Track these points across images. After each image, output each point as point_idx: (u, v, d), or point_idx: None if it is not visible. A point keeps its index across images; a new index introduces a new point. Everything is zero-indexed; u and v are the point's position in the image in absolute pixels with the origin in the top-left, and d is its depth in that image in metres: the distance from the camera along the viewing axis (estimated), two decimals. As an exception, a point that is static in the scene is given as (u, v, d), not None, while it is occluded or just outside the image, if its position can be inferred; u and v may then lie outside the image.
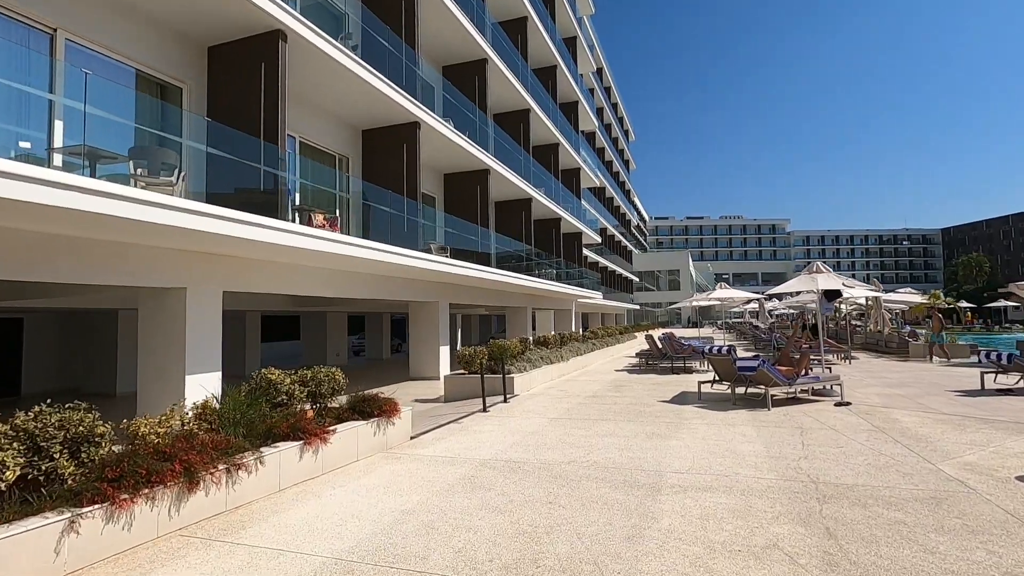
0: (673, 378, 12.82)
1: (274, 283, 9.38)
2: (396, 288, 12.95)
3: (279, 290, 9.60)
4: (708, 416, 7.79)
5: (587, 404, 9.23)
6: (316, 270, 10.12)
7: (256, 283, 9.03)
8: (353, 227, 11.59)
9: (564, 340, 16.66)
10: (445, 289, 15.14)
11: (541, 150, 22.89)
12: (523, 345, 13.62)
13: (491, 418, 8.17)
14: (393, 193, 11.61)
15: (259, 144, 7.86)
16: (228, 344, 18.64)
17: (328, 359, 20.92)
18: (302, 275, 9.79)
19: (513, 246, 18.14)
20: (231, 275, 8.37)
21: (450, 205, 15.77)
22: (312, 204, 10.72)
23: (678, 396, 9.84)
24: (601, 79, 45.13)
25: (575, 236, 27.01)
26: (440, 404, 10.42)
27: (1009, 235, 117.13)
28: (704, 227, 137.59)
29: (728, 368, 8.94)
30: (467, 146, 13.97)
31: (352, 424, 5.93)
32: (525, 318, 21.91)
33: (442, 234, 14.95)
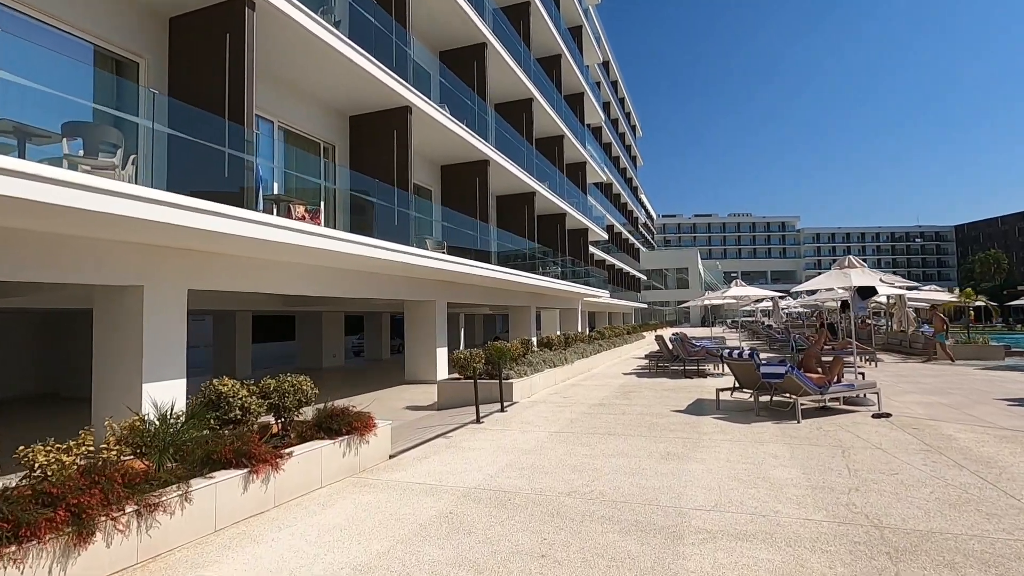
0: (686, 383, 11.87)
1: (250, 281, 8.52)
2: (389, 286, 12.08)
3: (256, 288, 8.74)
4: (731, 430, 6.85)
5: (593, 414, 8.31)
6: (298, 267, 9.26)
7: (228, 281, 8.16)
8: (340, 220, 10.74)
9: (569, 341, 15.73)
10: (442, 287, 14.27)
11: (545, 143, 21.97)
12: (524, 347, 12.72)
13: (484, 431, 7.27)
14: (384, 184, 10.74)
15: (223, 125, 6.99)
16: (218, 346, 17.94)
17: (324, 360, 20.13)
18: (282, 272, 8.93)
19: (515, 242, 17.23)
20: (198, 271, 7.51)
21: (448, 198, 14.89)
22: (296, 195, 9.89)
23: (694, 405, 8.91)
24: (608, 73, 44.10)
25: (581, 232, 26.07)
26: (432, 412, 9.54)
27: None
28: (712, 225, 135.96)
29: (751, 374, 7.99)
30: (464, 134, 13.07)
31: (314, 445, 5.04)
32: (529, 318, 21.01)
33: (439, 229, 14.09)
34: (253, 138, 7.16)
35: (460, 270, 12.15)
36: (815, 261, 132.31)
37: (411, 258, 9.99)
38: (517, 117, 18.40)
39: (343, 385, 14.60)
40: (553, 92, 21.47)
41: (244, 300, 14.66)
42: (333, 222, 10.77)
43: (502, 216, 18.59)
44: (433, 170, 15.04)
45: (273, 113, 9.58)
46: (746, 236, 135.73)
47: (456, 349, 13.99)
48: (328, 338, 20.41)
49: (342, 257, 8.83)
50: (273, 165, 9.41)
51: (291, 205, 8.83)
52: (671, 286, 76.68)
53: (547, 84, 20.75)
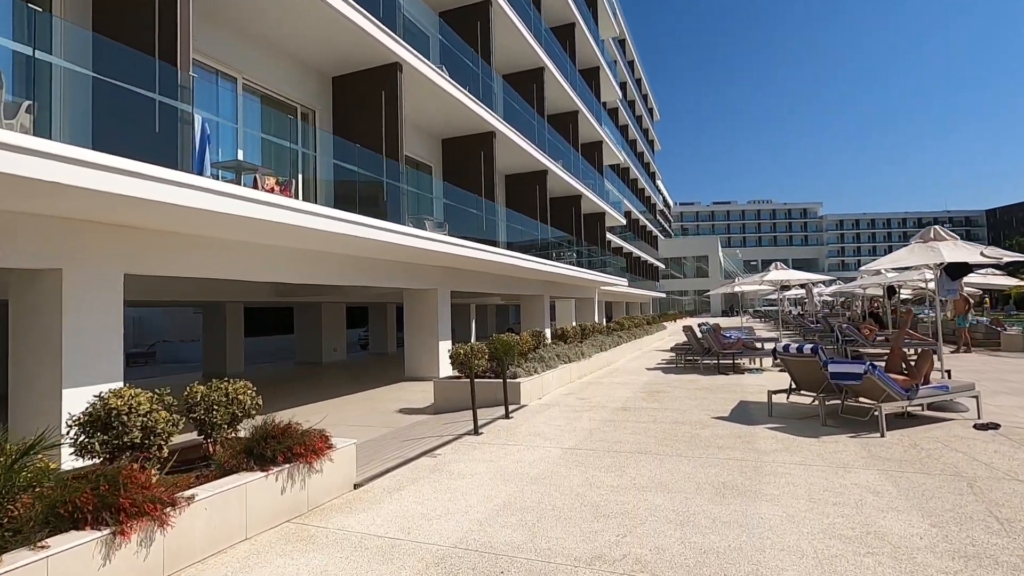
0: (722, 380, 10.31)
1: (211, 265, 7.15)
2: (384, 273, 10.70)
3: (220, 274, 7.38)
4: (798, 447, 5.32)
5: (616, 422, 6.83)
6: (273, 249, 7.89)
7: (181, 265, 6.80)
8: (322, 195, 9.35)
9: (586, 333, 14.23)
10: (445, 274, 12.85)
11: (558, 119, 20.35)
12: (536, 340, 11.25)
13: (482, 446, 5.83)
14: (372, 154, 9.30)
15: (153, 65, 5.58)
16: (207, 340, 16.75)
17: (324, 355, 18.88)
18: (254, 256, 7.57)
19: (526, 225, 15.72)
20: (138, 253, 6.16)
21: (450, 174, 13.42)
22: (275, 165, 8.52)
23: (738, 409, 7.37)
24: (624, 52, 42.09)
25: (597, 217, 24.46)
26: (426, 418, 8.15)
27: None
28: (731, 212, 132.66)
29: (814, 374, 6.43)
30: (466, 100, 11.56)
31: (233, 481, 3.64)
32: (542, 308, 19.53)
33: (440, 208, 12.66)
34: (191, 84, 5.74)
35: (463, 254, 10.73)
36: (838, 248, 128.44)
37: (403, 239, 8.58)
38: (527, 88, 16.82)
39: (338, 382, 13.31)
40: (567, 63, 19.81)
41: (231, 290, 13.41)
42: (314, 197, 9.39)
43: (511, 197, 17.08)
44: (433, 144, 13.57)
45: (237, 68, 8.16)
46: (766, 223, 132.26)
47: (465, 342, 12.60)
48: (328, 331, 19.16)
49: (324, 237, 7.45)
50: (237, 127, 8.00)
51: (257, 175, 7.47)
52: (689, 275, 74.56)
53: (560, 54, 19.10)
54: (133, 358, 24.21)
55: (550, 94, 18.65)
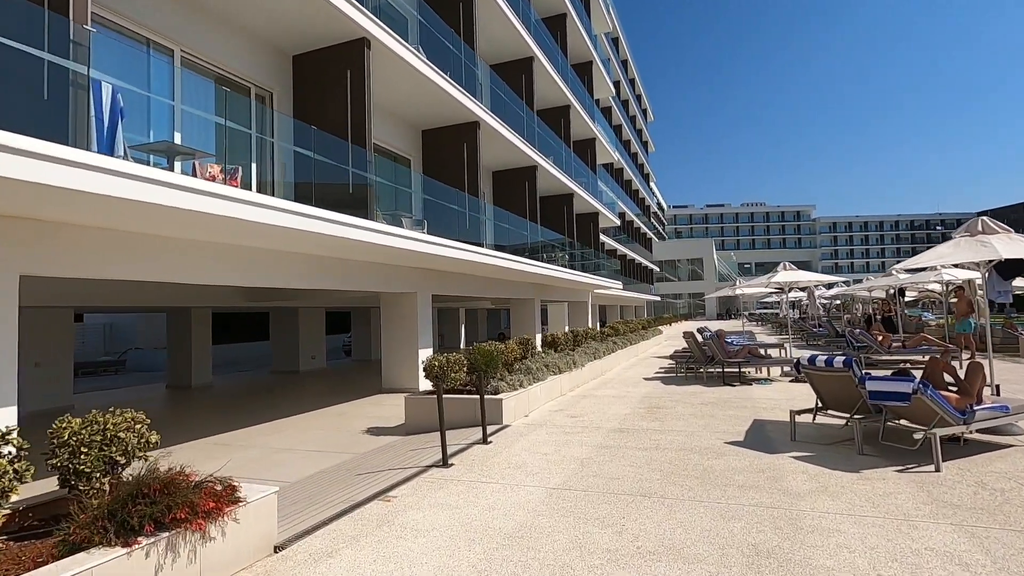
0: (729, 393, 9.31)
1: (139, 266, 6.06)
2: (356, 275, 9.65)
3: (151, 276, 6.28)
4: (837, 486, 4.30)
5: (612, 448, 5.79)
6: (224, 249, 6.82)
7: (98, 265, 5.71)
8: (280, 186, 8.29)
9: (578, 339, 13.20)
10: (425, 276, 11.81)
11: (549, 114, 19.37)
12: (524, 349, 10.21)
13: (449, 484, 4.77)
14: (336, 140, 8.25)
15: (42, 16, 4.51)
16: (172, 348, 15.56)
17: (301, 363, 17.74)
18: (195, 254, 6.49)
19: (514, 223, 14.69)
20: (39, 250, 5.07)
21: (431, 168, 12.39)
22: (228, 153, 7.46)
23: (754, 431, 6.35)
24: (618, 50, 41.28)
25: (590, 217, 23.48)
26: (393, 441, 7.09)
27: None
28: (725, 215, 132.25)
29: (846, 392, 5.43)
30: (445, 85, 10.53)
31: (74, 566, 2.55)
32: (533, 312, 18.48)
33: (419, 204, 11.62)
34: (87, 41, 4.66)
35: (444, 254, 9.70)
36: (831, 251, 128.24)
37: (374, 236, 7.54)
38: (515, 79, 15.83)
39: (309, 395, 12.21)
40: (557, 55, 18.84)
41: (195, 294, 12.31)
42: (271, 188, 8.33)
43: (499, 194, 16.06)
44: (412, 135, 12.53)
45: (174, 39, 7.08)
46: (760, 226, 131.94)
47: (456, 348, 11.50)
48: (306, 338, 18.03)
49: (281, 235, 6.42)
50: (174, 105, 6.92)
51: (196, 162, 6.42)
52: (683, 278, 73.80)
53: (550, 45, 18.13)
54: (102, 367, 22.97)
55: (540, 87, 17.68)
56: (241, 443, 7.50)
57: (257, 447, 7.26)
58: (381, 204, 11.70)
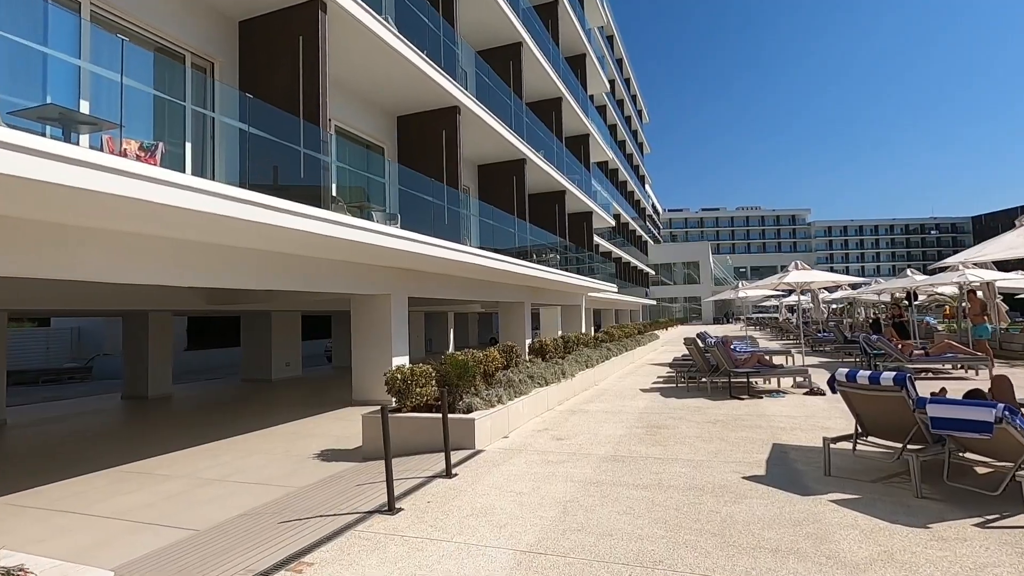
0: (738, 408, 8.20)
1: (39, 261, 4.91)
2: (321, 275, 8.54)
3: (51, 274, 5.13)
4: (903, 550, 3.18)
5: (603, 485, 4.65)
6: (161, 243, 5.68)
7: (10, 261, 4.58)
8: (223, 169, 7.16)
9: (569, 346, 12.07)
10: (401, 277, 10.69)
11: (540, 107, 18.30)
12: (507, 357, 9.08)
13: (387, 545, 3.61)
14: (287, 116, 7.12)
15: None
16: (128, 355, 14.30)
17: (274, 371, 16.54)
18: (128, 250, 5.35)
19: (501, 221, 13.60)
20: None
21: (407, 158, 11.27)
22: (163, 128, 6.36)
23: (776, 461, 5.23)
24: (612, 48, 40.36)
25: (584, 216, 22.42)
26: (345, 469, 5.94)
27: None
28: (720, 219, 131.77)
29: (897, 415, 4.32)
30: (419, 62, 9.43)
31: None
32: (522, 317, 17.33)
33: (395, 197, 10.52)
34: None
35: (422, 251, 8.62)
36: (827, 255, 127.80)
37: (335, 230, 6.45)
38: (502, 66, 14.76)
39: (272, 408, 11.03)
40: (548, 43, 17.79)
41: (150, 297, 11.13)
42: (212, 172, 7.19)
43: (485, 189, 14.97)
44: (385, 122, 11.41)
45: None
46: (755, 230, 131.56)
47: (442, 352, 10.36)
48: (279, 343, 16.83)
49: (218, 225, 5.30)
50: (81, 65, 5.77)
51: (104, 135, 5.31)
52: (679, 281, 72.86)
53: (541, 31, 17.07)
54: (67, 374, 21.67)
55: (530, 77, 16.62)
56: (166, 470, 6.34)
57: (183, 476, 6.10)
58: (350, 195, 10.59)
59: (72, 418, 10.68)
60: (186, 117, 6.86)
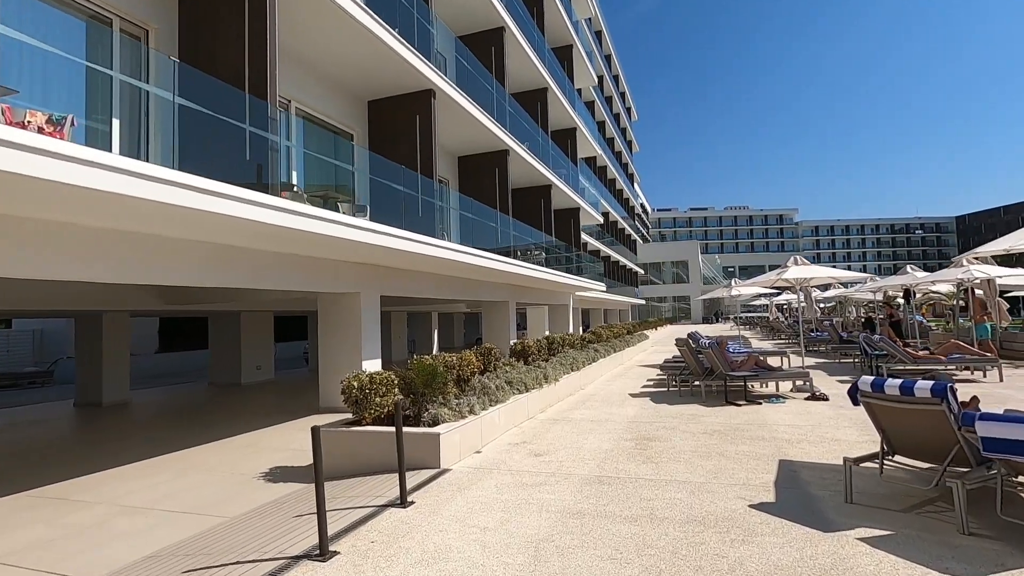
0: (736, 417, 7.49)
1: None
2: (283, 271, 7.72)
3: None
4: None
5: (585, 518, 3.90)
6: (68, 231, 4.83)
7: None
8: (160, 149, 6.33)
9: (553, 347, 11.34)
10: (372, 274, 9.89)
11: (525, 97, 17.55)
12: (485, 361, 8.32)
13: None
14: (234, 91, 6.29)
15: None
16: (81, 358, 13.28)
17: (244, 374, 15.62)
18: (24, 240, 4.50)
19: (481, 214, 12.82)
20: None
21: (379, 145, 10.46)
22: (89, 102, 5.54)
23: (787, 483, 4.51)
24: (601, 44, 39.73)
25: (571, 213, 21.71)
26: (291, 493, 5.14)
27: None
28: (709, 218, 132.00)
29: (936, 433, 3.61)
30: (388, 39, 8.63)
31: None
32: (507, 317, 16.57)
33: (364, 186, 9.73)
34: None
35: (393, 246, 7.84)
36: (814, 255, 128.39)
37: (282, 217, 5.63)
38: (484, 51, 13.98)
39: (231, 416, 10.15)
40: (533, 31, 17.04)
41: (103, 297, 10.21)
42: (146, 154, 6.35)
43: (466, 182, 14.19)
44: (354, 106, 10.59)
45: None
46: (743, 229, 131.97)
47: (426, 354, 9.58)
48: (249, 345, 15.90)
49: (149, 211, 4.47)
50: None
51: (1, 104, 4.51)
52: (668, 281, 72.50)
53: (525, 17, 16.30)
54: (29, 378, 20.54)
55: (514, 65, 15.85)
56: (88, 495, 5.50)
57: (104, 503, 5.26)
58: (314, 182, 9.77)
59: (7, 430, 9.74)
60: (113, 89, 6.00)
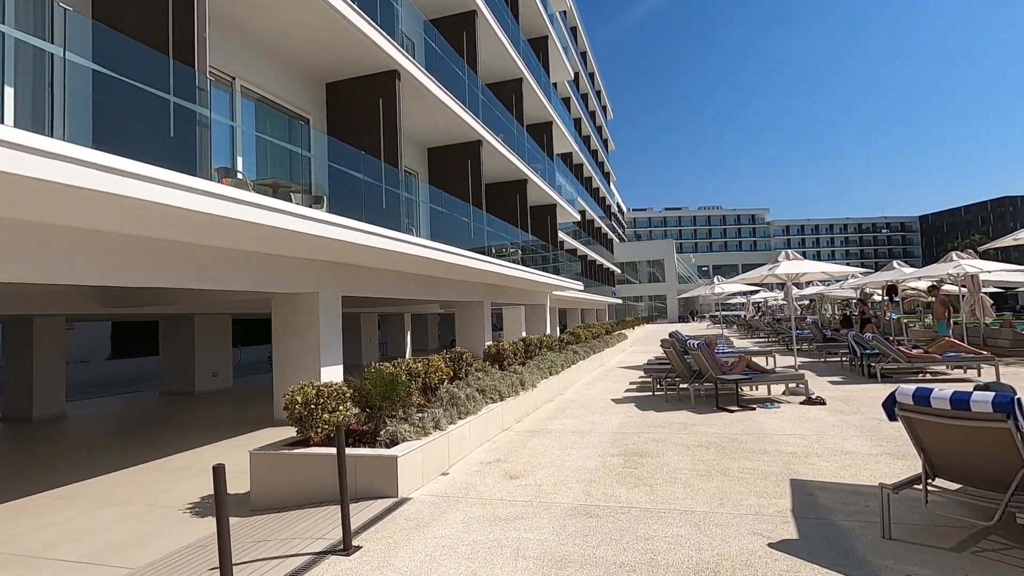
0: (730, 425, 6.84)
1: None
2: (227, 268, 6.81)
3: None
4: None
5: (573, 568, 3.14)
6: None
7: None
8: (69, 124, 5.38)
9: (531, 350, 10.60)
10: (332, 271, 9.01)
11: (499, 88, 16.79)
12: (454, 368, 7.53)
13: None
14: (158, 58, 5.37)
15: None
16: (9, 365, 11.96)
17: (198, 382, 14.49)
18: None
19: (454, 209, 12.01)
20: None
21: (338, 130, 9.57)
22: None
23: (806, 513, 3.83)
24: (576, 41, 39.21)
25: (547, 209, 21.02)
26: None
27: (987, 220, 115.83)
28: (683, 218, 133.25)
29: (998, 455, 2.96)
30: (345, 9, 7.75)
31: None
32: (482, 317, 15.78)
33: (322, 174, 8.86)
34: None
35: (354, 240, 7.03)
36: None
37: (216, 204, 4.76)
38: (455, 36, 13.17)
39: (179, 430, 9.10)
40: (508, 18, 16.29)
41: (31, 299, 9.10)
42: (50, 127, 5.40)
43: (435, 174, 13.36)
44: (311, 88, 9.67)
45: None
46: (717, 229, 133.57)
47: (401, 357, 8.64)
48: (205, 350, 14.76)
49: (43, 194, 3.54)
50: None
51: None
52: (644, 280, 72.58)
53: (497, 1, 15.52)
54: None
55: (487, 53, 15.08)
56: (-36, 539, 4.52)
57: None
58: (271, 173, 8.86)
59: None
60: (5, 49, 5.03)
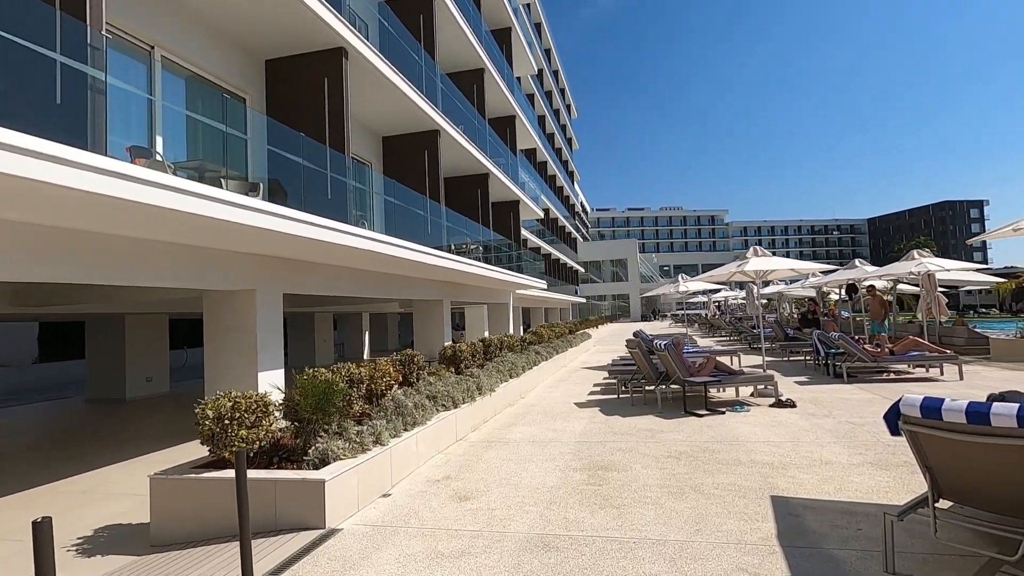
0: (701, 432, 6.40)
1: None
2: (146, 262, 5.91)
3: None
4: None
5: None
6: None
7: None
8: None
9: (491, 351, 10.00)
10: (271, 267, 8.15)
11: (460, 78, 16.11)
12: (404, 372, 6.86)
13: None
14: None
15: None
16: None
17: (129, 388, 13.31)
18: None
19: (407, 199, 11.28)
20: None
21: (278, 111, 8.73)
22: None
23: (796, 540, 3.35)
24: (540, 37, 38.80)
25: (510, 206, 20.45)
26: (121, 568, 3.48)
27: (930, 223, 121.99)
28: (645, 218, 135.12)
29: (1020, 477, 2.51)
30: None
31: None
32: (440, 317, 15.05)
33: (260, 159, 8.02)
34: None
35: (294, 232, 6.23)
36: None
37: (112, 184, 3.94)
38: (412, 19, 12.42)
39: (94, 443, 8.03)
40: (468, 3, 15.61)
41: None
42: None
43: (391, 166, 12.60)
44: (248, 64, 8.79)
45: None
46: (678, 229, 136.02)
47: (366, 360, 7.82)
48: (137, 354, 13.57)
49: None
50: None
51: None
52: (607, 279, 73.01)
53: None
54: None
55: (447, 40, 14.38)
56: None
57: None
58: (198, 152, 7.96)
59: None
60: None
